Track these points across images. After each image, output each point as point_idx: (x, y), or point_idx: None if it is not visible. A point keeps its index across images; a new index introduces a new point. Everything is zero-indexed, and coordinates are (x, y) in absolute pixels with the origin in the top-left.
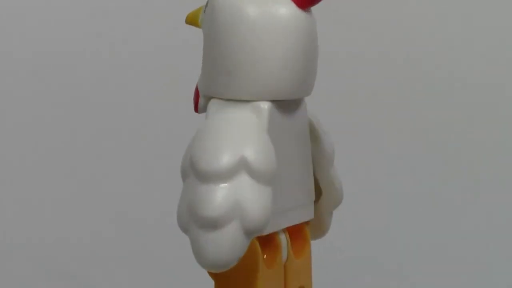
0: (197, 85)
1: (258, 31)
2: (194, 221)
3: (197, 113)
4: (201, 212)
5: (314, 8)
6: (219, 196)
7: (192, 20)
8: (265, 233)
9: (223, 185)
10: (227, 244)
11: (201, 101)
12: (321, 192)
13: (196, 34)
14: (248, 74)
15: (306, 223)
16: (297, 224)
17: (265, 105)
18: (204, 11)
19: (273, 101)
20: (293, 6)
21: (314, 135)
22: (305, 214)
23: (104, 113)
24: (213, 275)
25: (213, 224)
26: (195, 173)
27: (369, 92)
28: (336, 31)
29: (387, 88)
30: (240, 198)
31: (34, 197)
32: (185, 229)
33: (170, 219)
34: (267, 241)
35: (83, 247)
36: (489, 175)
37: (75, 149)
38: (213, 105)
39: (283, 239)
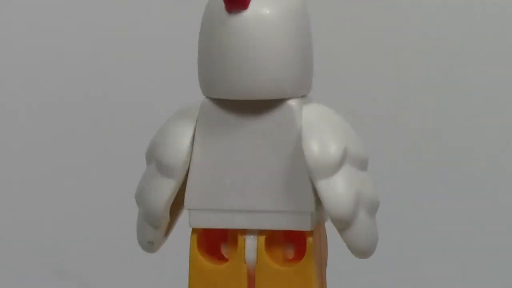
0: None
1: (204, 31)
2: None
3: None
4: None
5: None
6: (140, 180)
7: None
8: (197, 226)
9: (144, 171)
10: (138, 226)
11: None
12: None
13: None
14: (200, 71)
15: (309, 232)
16: (295, 231)
17: (202, 100)
18: None
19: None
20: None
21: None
22: (284, 222)
23: (105, 113)
24: None
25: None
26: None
27: (368, 92)
28: (335, 30)
29: (385, 87)
30: (144, 186)
31: (33, 197)
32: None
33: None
34: (232, 238)
35: (83, 247)
36: (488, 177)
37: (74, 149)
38: None
39: (250, 240)
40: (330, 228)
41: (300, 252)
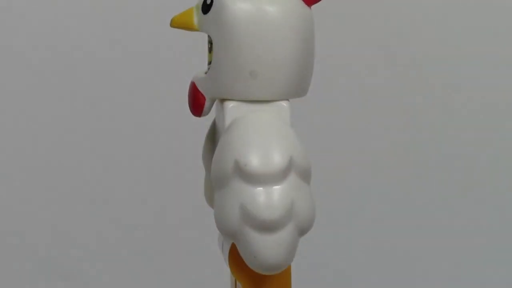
0: (197, 88)
1: (276, 29)
2: (250, 225)
3: (193, 115)
4: (260, 215)
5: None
6: (276, 198)
7: (183, 24)
8: None
9: (277, 187)
10: (286, 245)
11: (206, 104)
12: None
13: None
14: (270, 74)
15: None
16: None
17: (287, 104)
18: (203, 13)
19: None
20: (303, 3)
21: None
22: None
23: (106, 115)
24: (243, 278)
25: (272, 227)
26: (243, 176)
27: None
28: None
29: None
30: (294, 199)
31: (34, 197)
32: (232, 233)
33: (169, 219)
34: None
35: (83, 247)
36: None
37: (75, 149)
38: (233, 107)
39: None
40: (328, 233)
41: None
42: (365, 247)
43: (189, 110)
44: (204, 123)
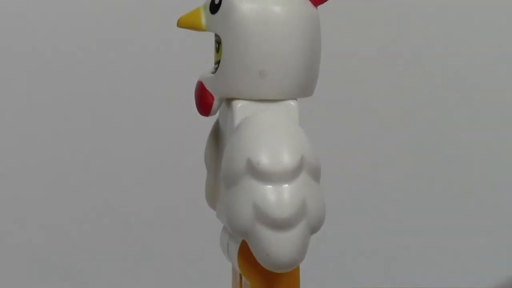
0: (205, 87)
1: (284, 28)
2: (262, 223)
3: (201, 114)
4: (272, 214)
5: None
6: (289, 196)
7: (191, 24)
8: None
9: (288, 185)
10: (298, 243)
11: (215, 103)
12: None
13: (189, 35)
14: (279, 74)
15: None
16: None
17: (295, 103)
18: (211, 13)
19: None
20: (309, 3)
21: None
22: None
23: (102, 111)
24: (253, 277)
25: (285, 225)
26: (256, 174)
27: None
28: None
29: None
30: (306, 197)
31: (34, 197)
32: (244, 231)
33: (169, 219)
34: None
35: (82, 246)
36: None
37: (75, 149)
38: (242, 107)
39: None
40: (328, 233)
41: None
42: (365, 247)
43: (188, 110)
44: (204, 123)
